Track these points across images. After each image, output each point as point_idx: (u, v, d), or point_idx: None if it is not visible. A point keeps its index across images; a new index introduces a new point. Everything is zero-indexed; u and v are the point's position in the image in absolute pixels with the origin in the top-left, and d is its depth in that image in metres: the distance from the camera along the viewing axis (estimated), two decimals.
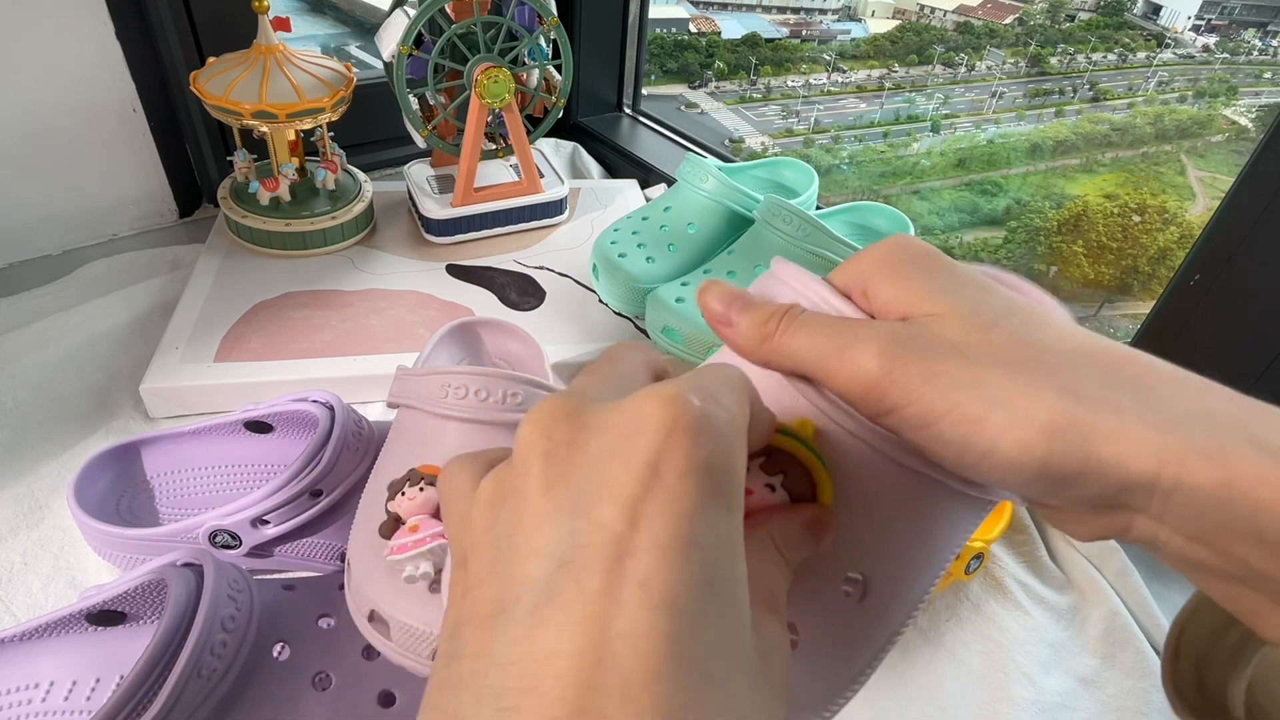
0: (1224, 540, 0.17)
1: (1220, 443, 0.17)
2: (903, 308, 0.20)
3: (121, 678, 0.37)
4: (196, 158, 0.74)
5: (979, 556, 0.48)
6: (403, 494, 0.36)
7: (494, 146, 0.73)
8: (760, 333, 0.21)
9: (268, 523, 0.42)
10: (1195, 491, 0.17)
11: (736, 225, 0.67)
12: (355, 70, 0.67)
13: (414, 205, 0.72)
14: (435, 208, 0.70)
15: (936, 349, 0.19)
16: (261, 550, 0.44)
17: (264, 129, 0.64)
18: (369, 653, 0.37)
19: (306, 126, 0.64)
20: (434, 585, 0.35)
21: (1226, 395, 0.18)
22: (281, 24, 0.63)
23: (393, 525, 0.35)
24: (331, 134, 0.69)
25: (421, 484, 0.36)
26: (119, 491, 0.47)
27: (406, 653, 0.34)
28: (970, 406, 0.18)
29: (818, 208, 0.74)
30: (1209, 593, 0.19)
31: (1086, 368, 0.19)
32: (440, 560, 0.34)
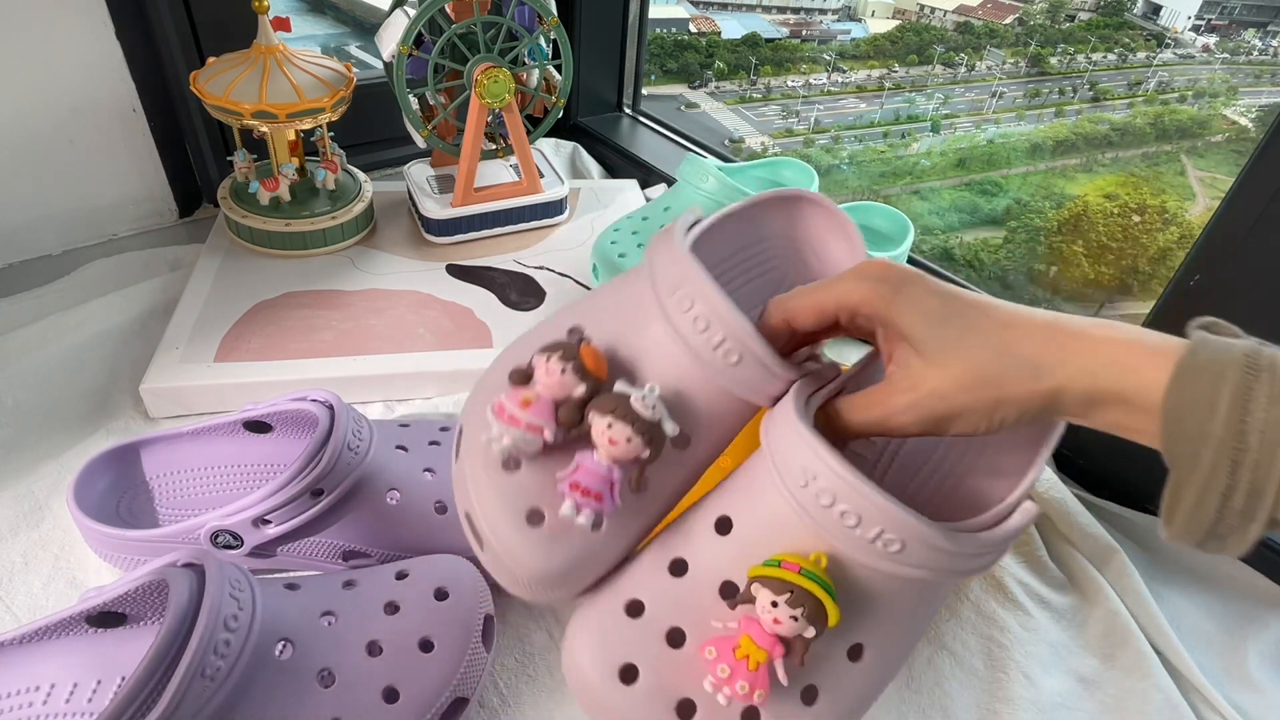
0: (1078, 413, 0.28)
1: (1065, 374, 0.27)
2: (900, 339, 0.30)
3: (122, 679, 0.37)
4: (196, 158, 0.74)
5: None
6: (549, 359, 0.31)
7: (494, 146, 0.73)
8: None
9: (269, 522, 0.42)
10: (1058, 398, 0.28)
11: None
12: (355, 70, 0.67)
13: (414, 205, 0.72)
14: (435, 208, 0.70)
15: (938, 404, 0.29)
16: (263, 550, 0.44)
17: (264, 129, 0.64)
18: (372, 649, 0.37)
19: (306, 126, 0.64)
20: (509, 463, 0.32)
21: (1075, 334, 0.28)
22: (281, 24, 0.63)
23: (520, 379, 0.32)
24: (331, 134, 0.69)
25: (569, 366, 0.31)
26: (119, 493, 0.47)
27: (491, 570, 0.33)
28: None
29: None
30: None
31: (1009, 365, 0.28)
32: (525, 449, 0.31)
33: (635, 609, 0.32)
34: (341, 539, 0.44)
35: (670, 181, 0.83)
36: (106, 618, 0.37)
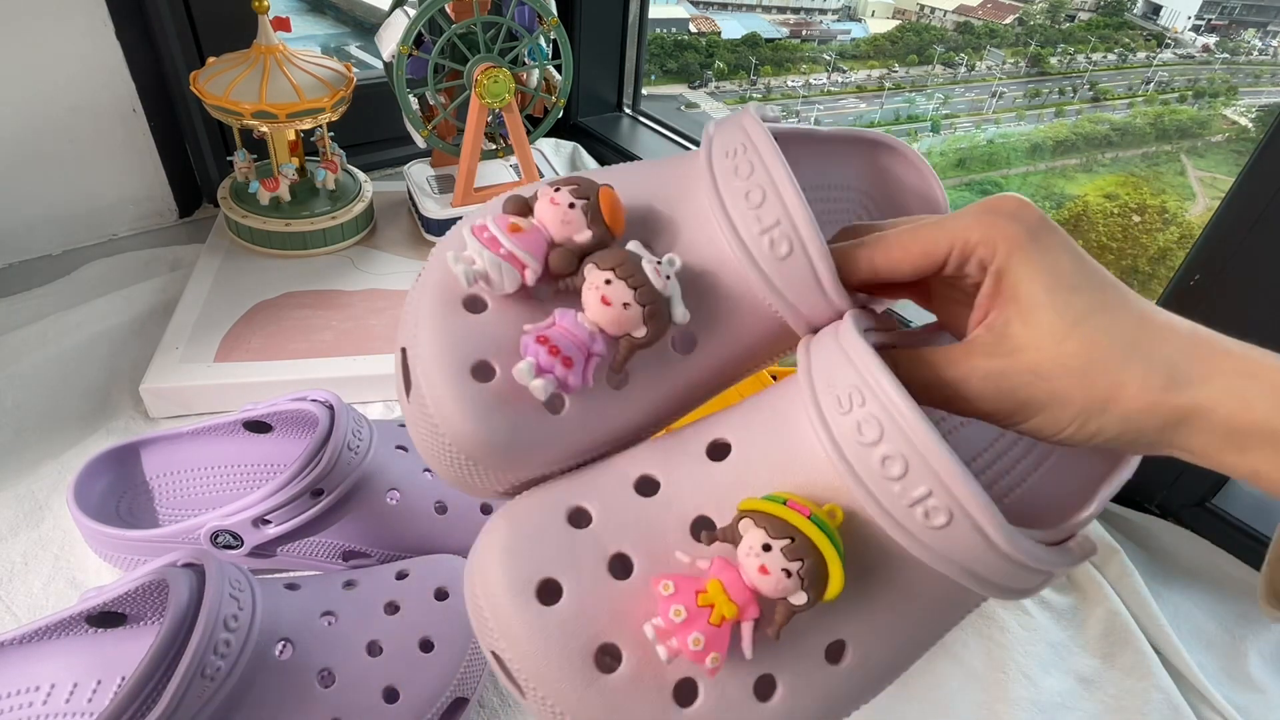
0: (1211, 452, 0.22)
1: (1208, 393, 0.21)
2: (1011, 297, 0.23)
3: (122, 679, 0.37)
4: (196, 158, 0.74)
5: None
6: (558, 189, 0.25)
7: (494, 146, 0.73)
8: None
9: (269, 522, 0.42)
10: (1189, 425, 0.22)
11: None
12: (355, 70, 0.67)
13: (414, 205, 0.72)
14: (435, 208, 0.70)
15: (1030, 383, 0.23)
16: (263, 550, 0.44)
17: (264, 129, 0.64)
18: (372, 649, 0.37)
19: (306, 126, 0.64)
20: (472, 302, 0.26)
21: (1224, 351, 0.22)
22: (281, 24, 0.63)
23: (517, 206, 0.26)
24: (331, 134, 0.69)
25: (579, 203, 0.25)
26: (119, 493, 0.47)
27: (411, 426, 0.27)
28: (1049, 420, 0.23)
29: None
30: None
31: (1136, 362, 0.22)
32: (498, 282, 0.25)
33: (579, 518, 0.25)
34: (341, 539, 0.44)
35: None
36: (106, 618, 0.37)
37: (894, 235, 0.25)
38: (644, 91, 0.98)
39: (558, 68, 0.70)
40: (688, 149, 0.90)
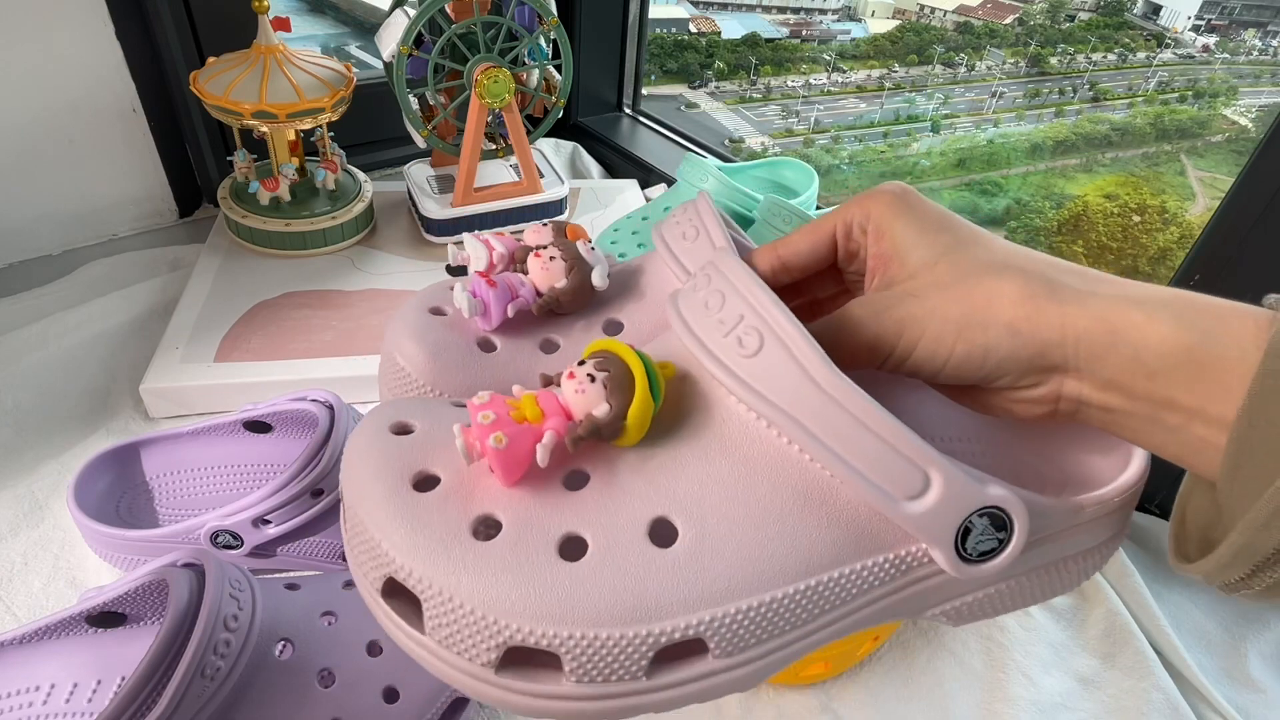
0: (1123, 379, 0.21)
1: (1102, 305, 0.21)
2: (891, 252, 0.25)
3: (122, 679, 0.37)
4: (196, 158, 0.74)
5: None
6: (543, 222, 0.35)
7: (494, 146, 0.73)
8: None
9: (269, 522, 0.42)
10: (1092, 343, 0.21)
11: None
12: (355, 70, 0.67)
13: (414, 205, 0.72)
14: (435, 208, 0.70)
15: (906, 301, 0.23)
16: (263, 550, 0.44)
17: (264, 129, 0.64)
18: (372, 649, 0.37)
19: (306, 126, 0.64)
20: (455, 283, 0.36)
21: (1109, 279, 0.22)
22: (281, 24, 0.63)
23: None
24: (331, 134, 0.69)
25: (550, 223, 0.34)
26: (119, 493, 0.47)
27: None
28: (933, 331, 0.22)
29: (818, 207, 0.74)
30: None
31: (1011, 272, 0.22)
32: (467, 259, 0.35)
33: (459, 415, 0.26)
34: (341, 539, 0.44)
35: (670, 181, 0.83)
36: (106, 618, 0.37)
37: (784, 239, 0.28)
38: (644, 91, 0.98)
39: (558, 68, 0.70)
40: (687, 149, 0.90)
